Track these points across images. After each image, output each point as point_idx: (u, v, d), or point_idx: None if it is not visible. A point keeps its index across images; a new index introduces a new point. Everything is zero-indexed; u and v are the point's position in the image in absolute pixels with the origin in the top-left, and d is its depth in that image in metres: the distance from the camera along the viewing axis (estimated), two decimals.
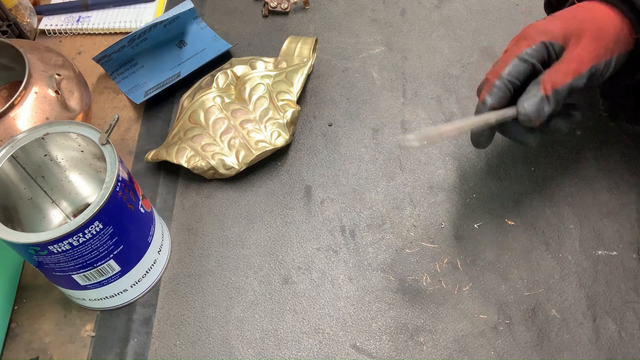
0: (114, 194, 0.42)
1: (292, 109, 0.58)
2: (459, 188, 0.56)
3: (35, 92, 0.53)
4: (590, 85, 0.46)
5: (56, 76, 0.54)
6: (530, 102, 0.44)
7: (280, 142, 0.57)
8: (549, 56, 0.46)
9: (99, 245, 0.43)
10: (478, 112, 0.47)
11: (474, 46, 0.67)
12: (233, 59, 0.65)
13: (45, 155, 0.48)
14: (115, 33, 0.73)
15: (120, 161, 0.44)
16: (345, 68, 0.66)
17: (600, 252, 0.51)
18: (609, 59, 0.46)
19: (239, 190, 0.57)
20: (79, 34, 0.73)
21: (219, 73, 0.63)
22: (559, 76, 0.44)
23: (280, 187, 0.57)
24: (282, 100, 0.59)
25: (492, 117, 0.45)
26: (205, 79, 0.63)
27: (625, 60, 0.48)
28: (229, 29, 0.71)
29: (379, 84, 0.64)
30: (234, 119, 0.58)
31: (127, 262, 0.47)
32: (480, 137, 0.48)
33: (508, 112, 0.45)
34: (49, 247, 0.41)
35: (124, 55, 0.66)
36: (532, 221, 0.53)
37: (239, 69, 0.63)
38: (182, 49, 0.68)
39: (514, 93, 0.46)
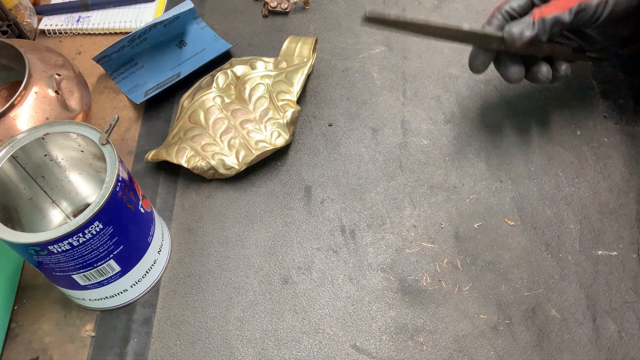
0: (114, 194, 0.42)
1: (292, 109, 0.58)
2: (459, 188, 0.56)
3: (35, 92, 0.53)
4: (584, 23, 0.50)
5: (56, 76, 0.54)
6: (515, 25, 0.49)
7: (280, 142, 0.57)
8: None
9: (99, 245, 0.43)
10: None
11: None
12: (233, 59, 0.65)
13: (45, 155, 0.48)
14: (115, 33, 0.73)
15: (120, 161, 0.44)
16: (345, 68, 0.66)
17: (600, 252, 0.51)
18: None
19: (239, 190, 0.57)
20: (79, 34, 0.73)
21: (219, 73, 0.63)
22: (548, 8, 0.49)
23: (280, 187, 0.57)
24: (282, 100, 0.59)
25: (465, 25, 0.48)
26: (205, 79, 0.63)
27: (631, 12, 0.49)
28: (229, 29, 0.71)
29: (379, 84, 0.64)
30: (234, 119, 0.58)
31: (127, 262, 0.47)
32: (476, 59, 0.52)
33: (492, 32, 0.49)
34: (49, 247, 0.41)
35: (124, 55, 0.66)
36: (532, 221, 0.53)
37: (239, 69, 0.63)
38: (182, 49, 0.68)
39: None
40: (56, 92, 0.54)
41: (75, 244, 0.42)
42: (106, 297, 0.49)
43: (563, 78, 0.53)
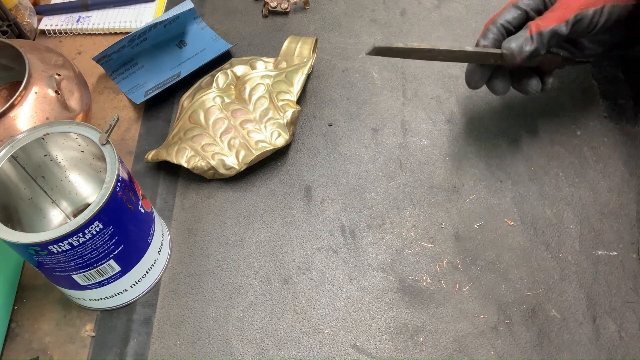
0: (114, 194, 0.42)
1: (292, 109, 0.58)
2: (459, 188, 0.56)
3: (35, 92, 0.53)
4: (580, 33, 0.49)
5: (56, 76, 0.54)
6: (514, 40, 0.48)
7: (280, 142, 0.57)
8: (545, 6, 0.50)
9: (99, 245, 0.43)
10: None
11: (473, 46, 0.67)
12: (233, 59, 0.65)
13: (45, 155, 0.48)
14: (115, 33, 0.73)
15: (120, 161, 0.44)
16: (345, 68, 0.66)
17: (600, 252, 0.51)
18: (600, 7, 0.48)
19: (239, 190, 0.57)
20: (79, 34, 0.73)
21: (219, 73, 0.63)
22: (544, 21, 0.48)
23: (280, 187, 0.57)
24: (282, 100, 0.59)
25: (468, 47, 0.49)
26: (205, 79, 0.63)
27: (624, 18, 0.50)
28: (229, 29, 0.71)
29: (379, 84, 0.64)
30: (234, 119, 0.58)
31: (127, 262, 0.47)
32: (474, 76, 0.52)
33: (492, 50, 0.49)
34: (49, 247, 0.41)
35: (124, 55, 0.66)
36: (532, 221, 0.53)
37: (239, 69, 0.63)
38: (182, 49, 0.68)
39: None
40: (56, 92, 0.54)
41: (75, 244, 0.42)
42: (106, 297, 0.49)
43: (550, 90, 0.54)
